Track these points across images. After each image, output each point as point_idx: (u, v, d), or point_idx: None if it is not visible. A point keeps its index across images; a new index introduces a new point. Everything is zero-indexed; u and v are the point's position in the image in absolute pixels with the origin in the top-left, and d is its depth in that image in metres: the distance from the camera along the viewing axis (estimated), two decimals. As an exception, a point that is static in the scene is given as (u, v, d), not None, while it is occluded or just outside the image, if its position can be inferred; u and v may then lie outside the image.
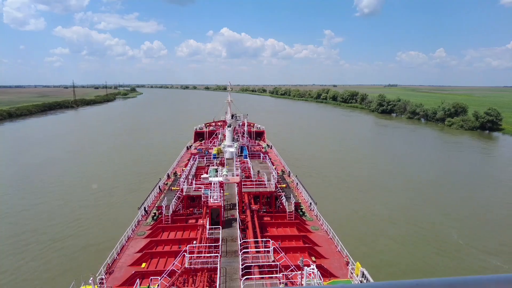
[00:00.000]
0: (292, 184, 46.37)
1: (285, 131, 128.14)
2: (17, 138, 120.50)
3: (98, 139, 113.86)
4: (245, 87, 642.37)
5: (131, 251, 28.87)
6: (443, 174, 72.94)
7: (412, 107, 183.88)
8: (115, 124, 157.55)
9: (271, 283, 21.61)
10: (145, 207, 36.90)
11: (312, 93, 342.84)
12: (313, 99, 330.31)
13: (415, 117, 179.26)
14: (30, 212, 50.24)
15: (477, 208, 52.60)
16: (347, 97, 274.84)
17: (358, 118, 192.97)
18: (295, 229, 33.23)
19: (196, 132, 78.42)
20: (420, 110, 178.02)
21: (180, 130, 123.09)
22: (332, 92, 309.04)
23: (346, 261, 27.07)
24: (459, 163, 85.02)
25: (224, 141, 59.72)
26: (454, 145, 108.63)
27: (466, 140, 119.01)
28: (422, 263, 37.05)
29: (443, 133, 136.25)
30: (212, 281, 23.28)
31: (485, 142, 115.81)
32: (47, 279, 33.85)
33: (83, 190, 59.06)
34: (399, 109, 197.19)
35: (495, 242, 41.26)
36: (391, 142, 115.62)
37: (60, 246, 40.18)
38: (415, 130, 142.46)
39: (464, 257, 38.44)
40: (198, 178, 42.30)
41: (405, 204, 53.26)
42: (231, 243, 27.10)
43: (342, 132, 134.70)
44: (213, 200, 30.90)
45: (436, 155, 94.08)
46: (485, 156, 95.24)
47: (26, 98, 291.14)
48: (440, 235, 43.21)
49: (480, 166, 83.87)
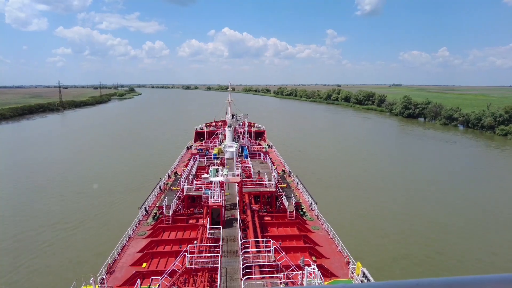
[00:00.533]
0: (293, 184, 46.38)
1: (305, 141, 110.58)
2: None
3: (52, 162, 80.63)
4: (248, 87, 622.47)
5: (132, 251, 28.89)
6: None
7: (448, 111, 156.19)
8: (91, 133, 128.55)
9: (271, 283, 21.61)
10: (145, 207, 36.92)
11: (321, 94, 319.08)
12: (322, 100, 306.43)
13: (451, 123, 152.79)
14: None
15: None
16: (362, 98, 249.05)
17: (379, 123, 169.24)
18: (296, 229, 33.23)
19: (196, 132, 78.45)
20: (458, 115, 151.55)
21: (175, 142, 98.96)
22: (344, 93, 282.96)
23: (347, 261, 27.06)
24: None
25: (225, 141, 59.73)
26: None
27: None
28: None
29: (498, 146, 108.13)
30: (212, 281, 23.28)
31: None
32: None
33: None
34: (429, 113, 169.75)
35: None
36: (431, 158, 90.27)
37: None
38: (456, 142, 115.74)
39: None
40: (198, 178, 42.31)
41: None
42: (232, 243, 27.10)
43: (368, 142, 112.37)
44: (214, 200, 30.91)
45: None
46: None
47: (16, 100, 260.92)
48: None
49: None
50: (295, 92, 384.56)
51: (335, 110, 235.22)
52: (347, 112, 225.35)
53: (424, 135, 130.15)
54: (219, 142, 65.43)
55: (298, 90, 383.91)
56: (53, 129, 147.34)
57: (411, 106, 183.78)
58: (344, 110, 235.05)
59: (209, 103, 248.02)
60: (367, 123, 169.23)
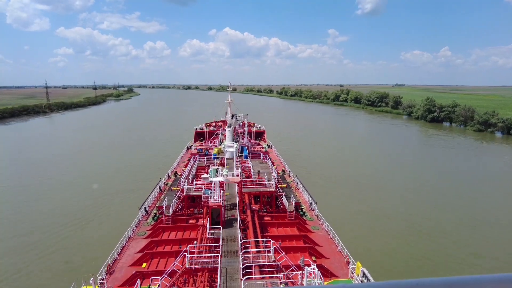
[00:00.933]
0: (293, 184, 46.38)
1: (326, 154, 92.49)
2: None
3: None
4: (250, 87, 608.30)
5: (132, 251, 28.89)
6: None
7: (483, 115, 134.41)
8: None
9: (271, 283, 21.61)
10: (145, 207, 36.91)
11: (328, 94, 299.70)
12: (329, 101, 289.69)
13: (487, 129, 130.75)
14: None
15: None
16: (374, 99, 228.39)
17: (398, 127, 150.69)
18: (296, 229, 33.23)
19: (196, 132, 78.48)
20: (496, 120, 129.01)
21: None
22: (353, 93, 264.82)
23: (347, 260, 27.07)
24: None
25: (224, 141, 59.72)
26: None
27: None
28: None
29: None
30: (212, 281, 23.28)
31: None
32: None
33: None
34: (458, 117, 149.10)
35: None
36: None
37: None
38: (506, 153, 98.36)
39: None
40: (198, 178, 42.30)
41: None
42: (232, 243, 27.10)
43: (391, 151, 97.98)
44: (214, 200, 30.90)
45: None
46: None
47: (7, 101, 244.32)
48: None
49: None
50: (299, 92, 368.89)
51: (347, 113, 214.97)
52: (360, 115, 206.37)
53: (466, 145, 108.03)
54: (219, 142, 65.44)
55: (303, 91, 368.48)
56: (22, 138, 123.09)
57: (435, 109, 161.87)
58: (356, 113, 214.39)
59: (210, 104, 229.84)
60: (391, 129, 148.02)
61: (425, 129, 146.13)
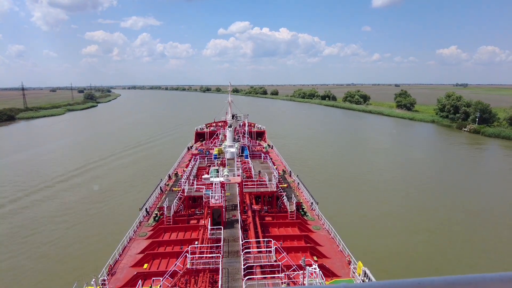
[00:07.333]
0: (293, 184, 46.36)
1: None
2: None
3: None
4: (274, 89, 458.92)
5: (133, 252, 28.89)
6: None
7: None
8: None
9: (273, 283, 21.61)
10: (146, 208, 36.91)
11: (407, 100, 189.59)
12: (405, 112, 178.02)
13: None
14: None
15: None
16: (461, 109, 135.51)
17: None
18: (297, 229, 33.20)
19: (197, 132, 78.36)
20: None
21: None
22: (464, 101, 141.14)
23: (348, 260, 27.05)
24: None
25: (225, 142, 59.69)
26: None
27: None
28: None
29: None
30: (214, 282, 23.27)
31: None
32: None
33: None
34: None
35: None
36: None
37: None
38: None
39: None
40: (199, 178, 42.29)
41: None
42: (233, 244, 27.08)
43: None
44: (215, 201, 30.87)
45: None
46: None
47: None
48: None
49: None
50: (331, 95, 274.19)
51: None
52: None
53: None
54: (220, 143, 65.44)
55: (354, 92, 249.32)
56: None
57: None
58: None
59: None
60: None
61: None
